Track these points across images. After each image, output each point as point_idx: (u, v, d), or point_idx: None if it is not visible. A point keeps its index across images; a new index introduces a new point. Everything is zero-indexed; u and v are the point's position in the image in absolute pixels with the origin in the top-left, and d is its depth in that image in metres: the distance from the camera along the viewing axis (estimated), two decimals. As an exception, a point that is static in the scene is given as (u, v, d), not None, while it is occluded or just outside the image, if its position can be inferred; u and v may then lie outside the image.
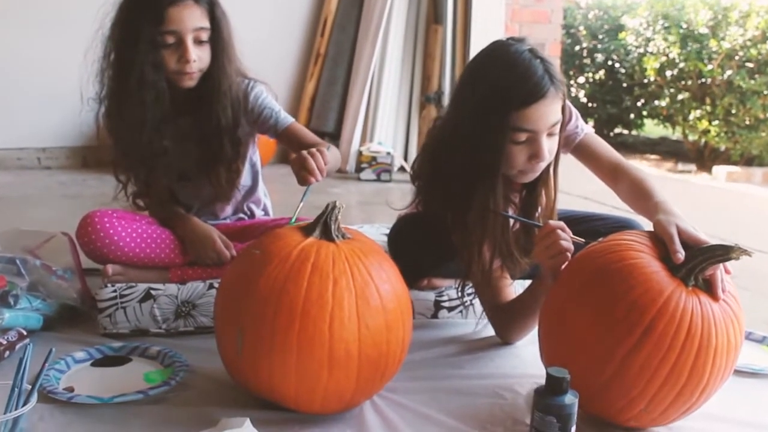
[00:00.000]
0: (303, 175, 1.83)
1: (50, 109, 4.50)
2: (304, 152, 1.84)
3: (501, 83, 1.73)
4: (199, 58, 2.05)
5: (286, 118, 2.23)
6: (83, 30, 2.08)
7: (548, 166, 1.85)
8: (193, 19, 2.02)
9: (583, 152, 2.00)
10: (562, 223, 1.69)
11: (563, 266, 1.66)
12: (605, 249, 1.57)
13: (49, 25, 4.53)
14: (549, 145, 1.77)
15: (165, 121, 2.12)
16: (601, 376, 1.47)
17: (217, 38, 2.08)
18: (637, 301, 1.44)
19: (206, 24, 2.05)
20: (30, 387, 1.31)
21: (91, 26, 2.08)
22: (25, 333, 1.84)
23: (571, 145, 1.99)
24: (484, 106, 1.74)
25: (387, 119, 5.01)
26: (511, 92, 1.71)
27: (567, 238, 1.67)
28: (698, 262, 1.48)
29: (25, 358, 1.30)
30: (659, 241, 1.56)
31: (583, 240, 1.69)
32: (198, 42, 2.05)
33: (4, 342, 1.78)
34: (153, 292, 2.01)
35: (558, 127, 1.78)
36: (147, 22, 1.99)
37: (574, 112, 1.97)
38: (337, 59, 5.13)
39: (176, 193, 2.34)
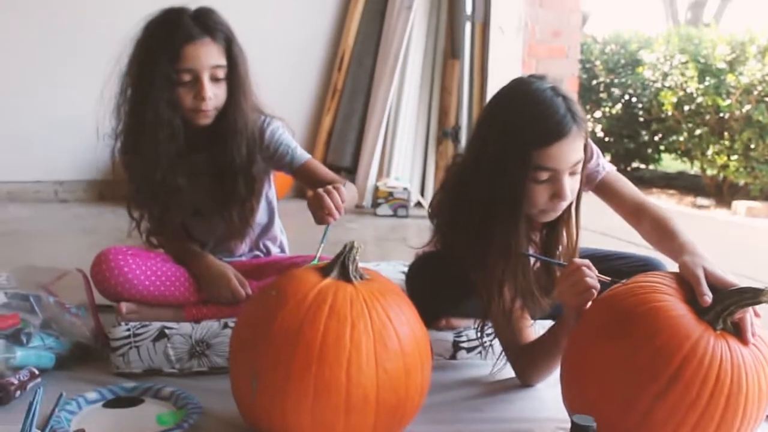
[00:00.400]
0: (321, 215, 1.81)
1: (68, 142, 4.52)
2: (321, 190, 1.82)
3: (522, 121, 1.71)
4: (215, 95, 2.04)
5: (303, 155, 2.21)
6: (101, 64, 2.07)
7: (570, 205, 1.82)
8: (209, 57, 2.01)
9: (605, 191, 1.97)
10: (587, 261, 1.66)
11: (588, 305, 1.62)
12: (629, 291, 1.54)
13: (67, 59, 4.57)
14: (571, 184, 1.74)
15: (179, 157, 2.10)
16: (625, 423, 1.43)
17: (234, 75, 2.07)
18: (662, 346, 1.40)
19: (223, 62, 2.04)
20: (39, 432, 1.28)
21: (109, 61, 2.07)
22: (37, 372, 1.82)
23: (592, 183, 1.96)
24: (505, 144, 1.72)
25: (404, 154, 4.99)
26: (532, 130, 1.69)
27: (592, 276, 1.64)
28: (726, 305, 1.44)
29: (35, 402, 1.28)
30: (685, 283, 1.52)
31: (609, 279, 1.65)
32: (214, 79, 2.03)
33: (16, 382, 1.75)
34: (167, 331, 1.98)
35: (580, 165, 1.75)
36: (163, 59, 1.98)
37: (596, 149, 1.95)
38: (355, 94, 5.14)
39: (191, 230, 2.32)
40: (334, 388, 1.41)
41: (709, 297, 1.45)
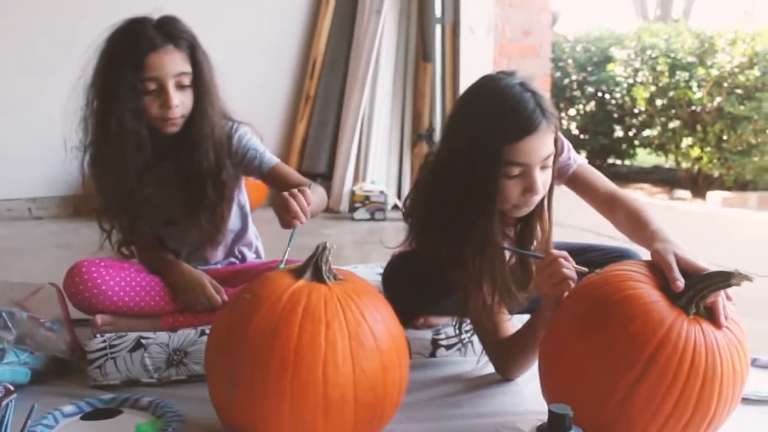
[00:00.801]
0: (286, 219, 1.80)
1: (39, 158, 4.45)
2: (286, 194, 1.81)
3: (492, 118, 1.72)
4: (181, 102, 2.03)
5: (271, 159, 2.20)
6: (71, 78, 2.06)
7: (542, 199, 1.83)
8: (173, 65, 2.00)
9: (578, 183, 1.97)
10: (564, 252, 1.67)
11: (565, 295, 1.63)
12: (603, 281, 1.54)
13: (37, 74, 4.52)
14: (542, 178, 1.75)
15: (147, 167, 2.09)
16: (604, 411, 1.43)
17: (199, 82, 2.05)
18: (637, 333, 1.40)
19: (187, 68, 2.03)
20: (12, 446, 1.27)
21: (77, 73, 2.06)
22: (12, 388, 1.79)
23: (564, 176, 1.97)
24: (475, 141, 1.72)
25: (379, 158, 4.99)
26: (502, 126, 1.70)
27: (569, 267, 1.64)
28: (699, 290, 1.45)
29: (7, 416, 1.26)
30: (658, 270, 1.52)
31: (587, 269, 1.65)
32: (180, 87, 2.02)
33: (-9, 399, 1.73)
34: (143, 341, 1.96)
35: (551, 159, 1.76)
36: (127, 69, 1.97)
37: (566, 143, 1.96)
38: (327, 100, 5.13)
39: (164, 239, 2.30)
40: (311, 389, 1.41)
41: (681, 282, 1.46)
